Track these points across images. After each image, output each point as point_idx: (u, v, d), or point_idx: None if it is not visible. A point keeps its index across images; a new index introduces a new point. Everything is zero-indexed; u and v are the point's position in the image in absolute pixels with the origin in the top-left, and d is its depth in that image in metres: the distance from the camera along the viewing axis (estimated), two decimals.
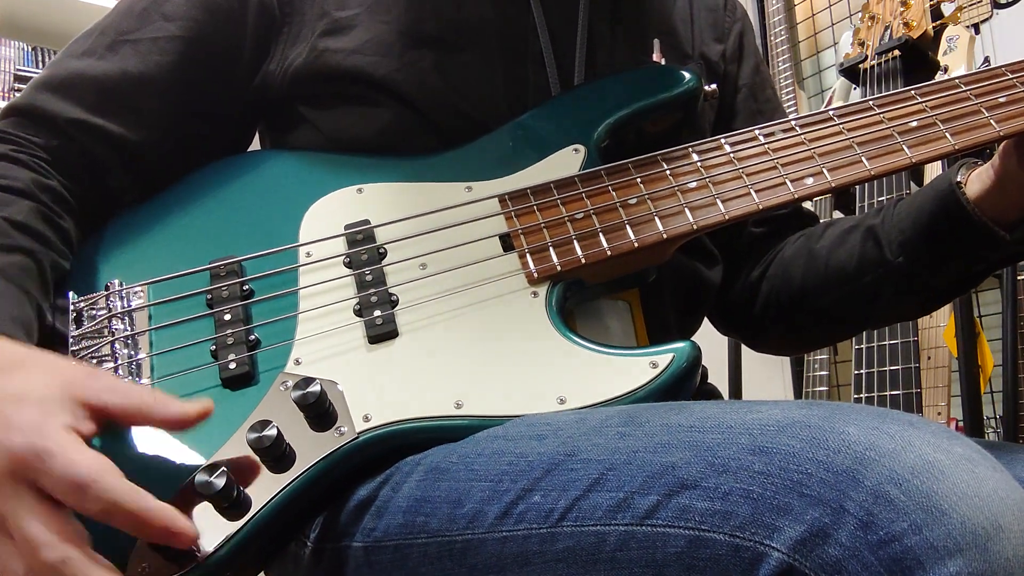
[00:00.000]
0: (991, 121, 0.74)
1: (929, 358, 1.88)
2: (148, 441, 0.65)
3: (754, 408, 0.52)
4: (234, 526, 0.60)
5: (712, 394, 0.93)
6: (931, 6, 1.50)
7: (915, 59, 1.51)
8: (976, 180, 0.77)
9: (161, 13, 0.82)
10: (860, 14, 1.63)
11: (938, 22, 1.53)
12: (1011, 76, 0.76)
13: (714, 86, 0.85)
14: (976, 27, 2.34)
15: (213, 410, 0.61)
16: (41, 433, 0.56)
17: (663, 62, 0.89)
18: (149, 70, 0.81)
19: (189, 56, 0.82)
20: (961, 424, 1.92)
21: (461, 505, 0.58)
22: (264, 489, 0.62)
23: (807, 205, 1.26)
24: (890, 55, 1.52)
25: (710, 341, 0.97)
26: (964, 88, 0.76)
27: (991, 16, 2.35)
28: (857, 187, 1.58)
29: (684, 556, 0.47)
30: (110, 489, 0.55)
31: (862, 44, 1.59)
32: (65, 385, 0.59)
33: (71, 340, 0.70)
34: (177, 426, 0.60)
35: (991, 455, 0.47)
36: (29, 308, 0.68)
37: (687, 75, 0.82)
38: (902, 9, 1.52)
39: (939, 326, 1.91)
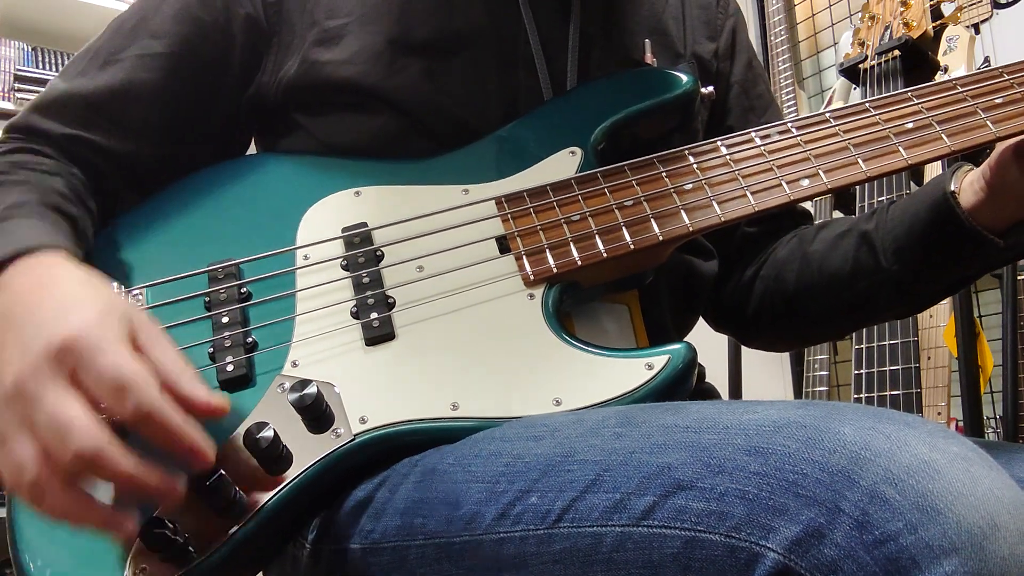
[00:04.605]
0: (987, 122, 0.74)
1: (929, 358, 1.88)
2: (144, 441, 0.65)
3: (750, 408, 0.52)
4: (231, 527, 0.60)
5: (710, 394, 0.93)
6: (931, 6, 1.50)
7: (915, 59, 1.51)
8: (969, 188, 0.76)
9: (149, 31, 0.83)
10: (860, 14, 1.63)
11: (938, 22, 1.53)
12: (1008, 77, 0.76)
13: (711, 89, 0.84)
14: (976, 27, 2.34)
15: (228, 411, 0.59)
16: (99, 328, 0.57)
17: (655, 63, 0.89)
18: (135, 87, 0.82)
19: (175, 71, 0.83)
20: (961, 424, 1.92)
21: (458, 507, 0.58)
22: (261, 491, 0.62)
23: (807, 205, 1.25)
24: (890, 55, 1.52)
25: (709, 342, 0.98)
26: (961, 89, 0.76)
27: (991, 16, 2.35)
28: (857, 187, 1.58)
29: (680, 557, 0.47)
30: (149, 397, 0.55)
31: (862, 44, 1.59)
32: (127, 311, 0.60)
33: None
34: (194, 408, 0.58)
35: (988, 454, 0.47)
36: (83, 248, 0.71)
37: (684, 78, 0.82)
38: (902, 9, 1.52)
39: (939, 326, 1.91)
